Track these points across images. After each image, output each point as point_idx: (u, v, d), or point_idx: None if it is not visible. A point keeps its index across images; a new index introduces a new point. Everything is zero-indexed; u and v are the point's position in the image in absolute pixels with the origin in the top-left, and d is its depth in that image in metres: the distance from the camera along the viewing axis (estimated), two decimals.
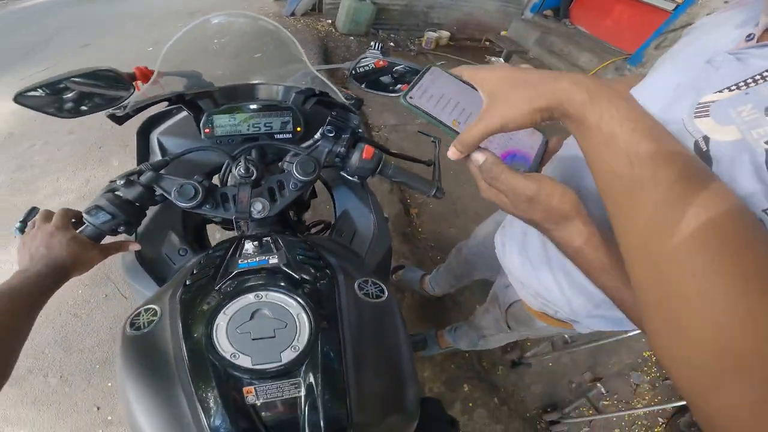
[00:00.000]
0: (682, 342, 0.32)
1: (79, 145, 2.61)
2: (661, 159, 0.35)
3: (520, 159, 0.51)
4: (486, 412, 1.72)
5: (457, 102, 0.49)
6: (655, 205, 0.35)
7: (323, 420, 0.52)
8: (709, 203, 0.33)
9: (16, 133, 2.81)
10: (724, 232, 0.32)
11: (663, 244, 0.34)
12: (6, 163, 2.57)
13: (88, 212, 0.73)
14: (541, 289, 0.88)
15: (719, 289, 0.30)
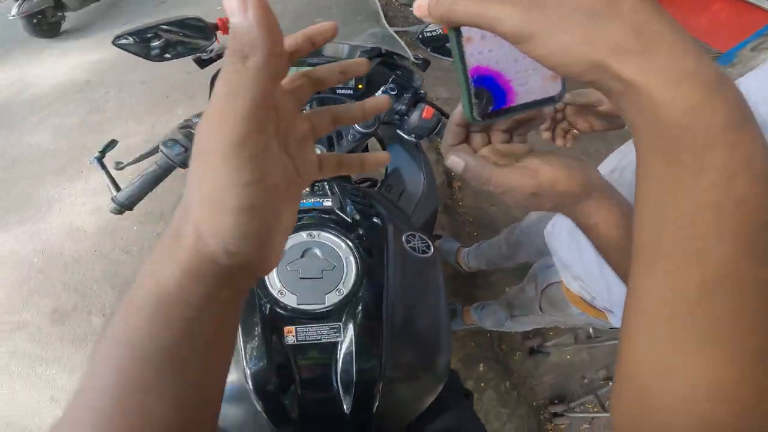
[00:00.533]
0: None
1: (149, 94, 2.77)
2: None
3: (498, 95, 0.35)
4: (495, 395, 1.75)
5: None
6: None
7: (356, 369, 0.54)
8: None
9: (93, 81, 3.01)
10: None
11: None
12: (80, 107, 2.77)
13: (164, 144, 0.79)
14: (582, 272, 0.89)
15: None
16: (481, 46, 0.34)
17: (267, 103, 0.25)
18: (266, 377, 0.53)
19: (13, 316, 1.83)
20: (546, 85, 0.36)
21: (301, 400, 0.56)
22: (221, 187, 0.24)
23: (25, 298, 1.87)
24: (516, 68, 0.35)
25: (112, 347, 0.26)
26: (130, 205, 0.80)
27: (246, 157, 0.24)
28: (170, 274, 0.25)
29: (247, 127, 0.24)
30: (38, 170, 2.31)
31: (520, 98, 0.36)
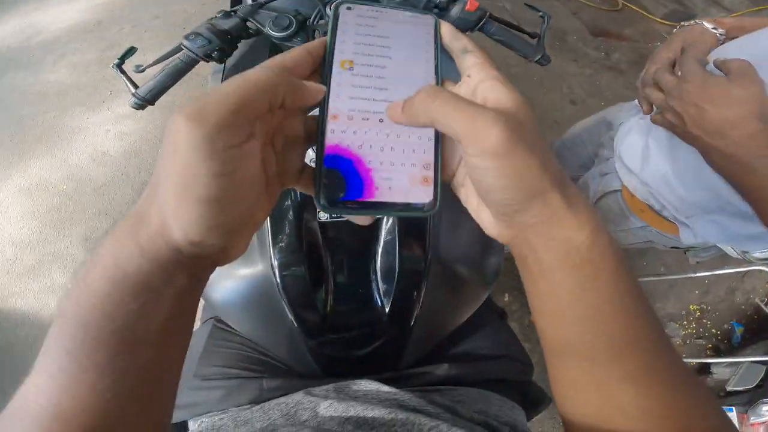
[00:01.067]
0: None
1: (164, 28, 2.73)
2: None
3: (354, 184, 0.30)
4: (518, 328, 1.76)
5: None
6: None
7: (399, 256, 0.51)
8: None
9: (104, 21, 2.96)
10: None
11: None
12: (97, 44, 2.74)
13: (186, 38, 0.78)
14: (656, 178, 0.84)
15: None
16: (347, 124, 0.31)
17: (255, 97, 0.26)
18: (294, 265, 0.51)
19: (48, 246, 1.88)
20: (415, 189, 0.31)
21: (335, 298, 0.55)
22: (189, 174, 0.24)
23: (57, 226, 1.92)
24: (382, 158, 0.31)
25: (64, 326, 0.26)
26: (152, 99, 0.79)
27: (218, 149, 0.24)
28: (129, 254, 0.25)
29: (227, 119, 0.24)
30: (61, 104, 2.32)
31: (380, 195, 0.30)
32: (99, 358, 0.26)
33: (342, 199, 0.29)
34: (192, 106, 0.24)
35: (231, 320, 0.61)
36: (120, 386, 0.27)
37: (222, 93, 0.25)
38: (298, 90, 0.28)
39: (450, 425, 0.44)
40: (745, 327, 1.90)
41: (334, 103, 0.31)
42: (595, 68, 2.72)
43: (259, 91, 0.26)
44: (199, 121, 0.23)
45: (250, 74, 0.26)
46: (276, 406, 0.53)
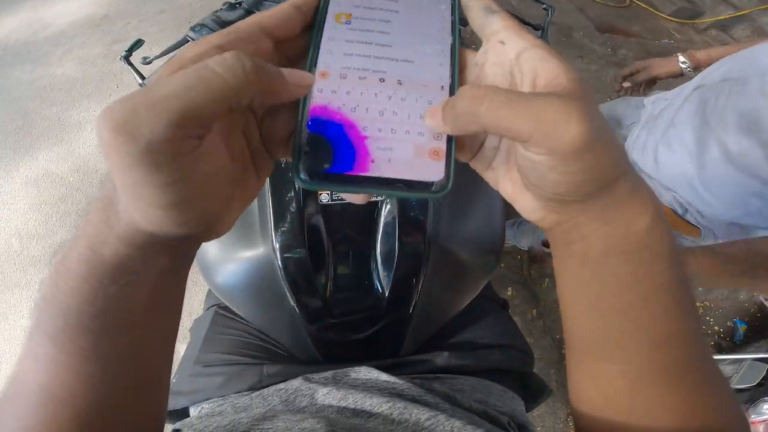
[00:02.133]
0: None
1: (170, 22, 2.74)
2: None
3: (343, 153, 0.25)
4: (521, 322, 1.76)
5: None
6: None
7: (399, 234, 0.51)
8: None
9: (110, 15, 2.97)
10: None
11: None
12: (103, 38, 2.75)
13: (192, 29, 0.79)
14: (682, 183, 0.85)
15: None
16: (338, 83, 0.26)
17: (206, 106, 0.20)
18: (296, 247, 0.51)
19: (53, 238, 1.89)
20: (421, 163, 0.25)
21: (335, 283, 0.55)
22: (140, 184, 0.20)
23: (63, 218, 1.93)
24: (380, 124, 0.25)
25: (45, 311, 0.25)
26: None
27: (161, 162, 0.20)
28: (104, 238, 0.24)
29: (163, 134, 0.19)
30: (67, 97, 2.33)
31: (376, 168, 0.24)
32: (82, 342, 0.25)
33: (327, 171, 0.24)
34: (119, 110, 0.19)
35: (232, 304, 0.61)
36: (107, 370, 0.26)
37: (159, 96, 0.19)
38: (273, 89, 0.23)
39: (448, 416, 0.44)
40: (748, 325, 1.89)
41: (324, 58, 0.26)
42: (601, 64, 2.71)
43: (213, 99, 0.20)
44: (129, 135, 0.19)
45: (204, 73, 0.20)
46: (275, 393, 0.54)
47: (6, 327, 1.71)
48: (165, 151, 0.20)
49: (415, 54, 0.27)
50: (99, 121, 0.20)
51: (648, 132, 0.92)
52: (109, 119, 0.19)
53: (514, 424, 0.56)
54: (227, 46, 0.23)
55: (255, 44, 0.25)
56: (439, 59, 0.28)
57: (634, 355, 0.28)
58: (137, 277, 0.25)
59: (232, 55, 0.21)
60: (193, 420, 0.51)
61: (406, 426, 0.44)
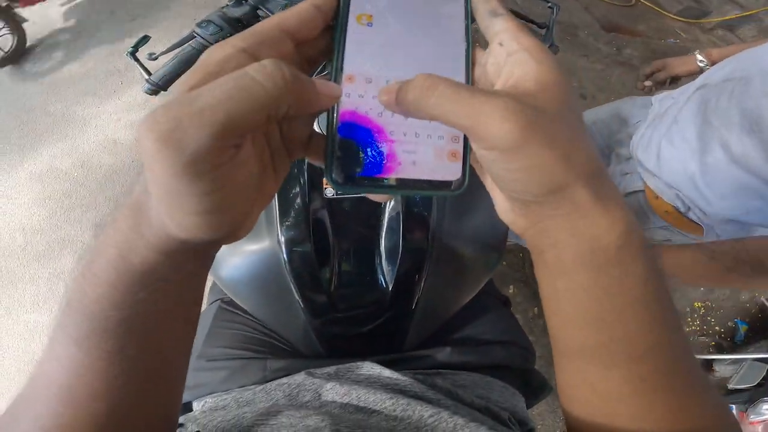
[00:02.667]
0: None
1: (175, 20, 2.74)
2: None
3: (373, 157, 0.26)
4: (522, 320, 1.76)
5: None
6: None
7: (403, 228, 0.52)
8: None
9: (117, 12, 2.99)
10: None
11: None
12: (108, 35, 2.76)
13: (198, 25, 0.79)
14: (684, 181, 0.85)
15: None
16: (365, 88, 0.26)
17: (248, 116, 0.20)
18: (301, 242, 0.52)
19: (57, 232, 1.90)
20: (441, 164, 0.27)
21: (339, 278, 0.55)
22: (177, 194, 0.21)
23: (67, 213, 1.95)
24: (405, 129, 0.26)
25: (70, 316, 0.25)
26: (164, 86, 0.81)
27: (202, 172, 0.20)
28: (134, 246, 0.24)
29: (208, 145, 0.20)
30: (72, 93, 2.35)
31: (403, 171, 0.26)
32: (108, 347, 0.25)
33: (360, 174, 0.25)
34: (163, 120, 0.19)
35: (237, 297, 0.62)
36: (131, 373, 0.26)
37: (202, 106, 0.19)
38: (306, 99, 0.23)
39: (451, 413, 0.44)
40: (749, 325, 1.89)
41: (350, 62, 0.26)
42: (606, 63, 2.70)
43: (254, 108, 0.20)
44: (174, 147, 0.19)
45: (245, 82, 0.20)
46: (278, 387, 0.54)
47: (9, 322, 1.73)
48: (207, 161, 0.20)
49: (434, 57, 0.28)
50: (142, 130, 0.19)
51: (653, 129, 0.92)
52: (152, 129, 0.19)
53: (514, 420, 0.56)
54: (250, 49, 0.23)
55: (277, 47, 0.25)
56: (455, 63, 0.29)
57: (611, 366, 0.28)
58: (165, 284, 0.25)
59: (271, 63, 0.21)
60: (197, 414, 0.51)
61: (409, 423, 0.45)
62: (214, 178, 0.21)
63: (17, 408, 0.28)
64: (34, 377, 0.27)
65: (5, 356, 1.67)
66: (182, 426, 0.47)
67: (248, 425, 0.42)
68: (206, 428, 0.45)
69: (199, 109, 0.19)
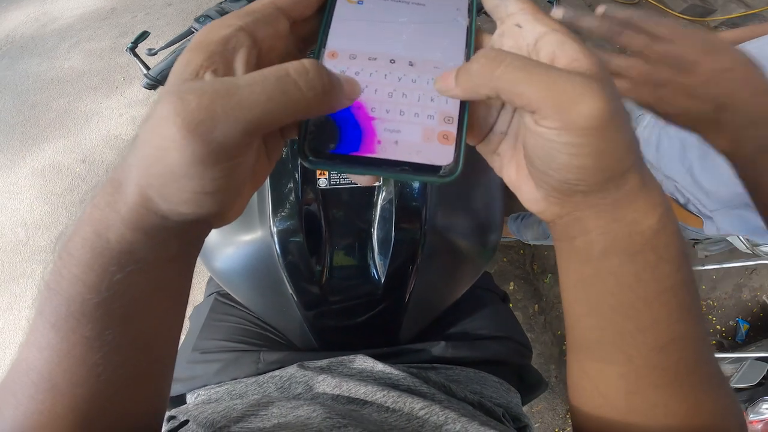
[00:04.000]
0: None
1: (177, 16, 2.75)
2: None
3: (350, 134, 0.25)
4: (522, 317, 1.77)
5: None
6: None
7: (396, 217, 0.51)
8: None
9: (118, 8, 2.99)
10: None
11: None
12: (110, 31, 2.76)
13: (196, 20, 0.79)
14: (681, 172, 0.85)
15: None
16: (347, 63, 0.25)
17: (283, 119, 0.20)
18: (293, 233, 0.52)
19: (59, 228, 1.91)
20: (429, 146, 0.24)
21: (331, 270, 0.55)
22: (181, 176, 0.20)
23: (69, 208, 1.95)
24: (389, 105, 0.25)
25: (48, 300, 0.24)
26: (163, 80, 0.81)
27: (219, 163, 0.20)
28: (110, 223, 0.23)
29: (236, 140, 0.19)
30: (74, 89, 2.35)
31: (383, 150, 0.24)
32: (85, 331, 0.24)
33: (333, 151, 0.24)
34: (195, 108, 0.19)
35: (231, 288, 0.62)
36: (112, 359, 0.25)
37: (239, 102, 0.19)
38: (334, 102, 0.22)
39: (443, 407, 0.44)
40: (751, 324, 1.88)
41: (333, 38, 0.26)
42: None
43: (290, 112, 0.20)
44: (201, 138, 0.19)
45: (287, 85, 0.20)
46: (271, 380, 0.54)
47: (11, 317, 1.74)
48: (229, 153, 0.20)
49: (429, 36, 0.27)
50: (168, 111, 0.19)
51: (655, 121, 0.92)
52: (180, 114, 0.19)
53: (508, 416, 0.56)
54: (248, 27, 0.23)
55: (274, 25, 0.24)
56: (454, 42, 0.27)
57: (633, 357, 0.27)
58: (144, 265, 0.24)
59: (313, 68, 0.21)
60: (189, 407, 0.51)
61: (400, 414, 0.45)
62: (228, 166, 0.21)
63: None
64: (15, 364, 0.27)
65: (6, 352, 1.68)
66: (174, 418, 0.47)
67: (238, 416, 0.43)
68: (197, 420, 0.45)
69: (236, 103, 0.19)
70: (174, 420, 0.47)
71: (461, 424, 0.41)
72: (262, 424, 0.41)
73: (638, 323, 0.26)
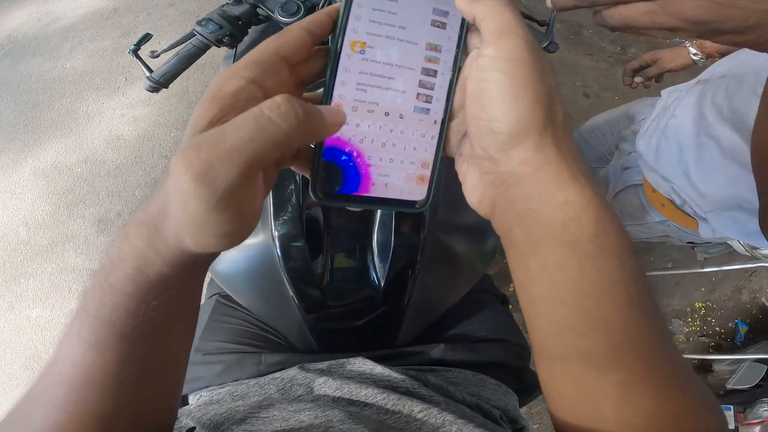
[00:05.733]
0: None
1: (179, 16, 2.76)
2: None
3: (351, 177, 0.30)
4: (521, 319, 1.75)
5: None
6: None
7: (395, 226, 0.52)
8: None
9: (120, 8, 2.99)
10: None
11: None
12: (112, 31, 2.77)
13: (198, 23, 0.80)
14: (677, 174, 0.85)
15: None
16: (350, 115, 0.29)
17: (269, 154, 0.23)
18: (294, 237, 0.53)
19: (60, 228, 1.91)
20: (409, 187, 0.31)
21: (331, 274, 0.56)
22: (205, 223, 0.24)
23: (70, 208, 1.95)
24: (382, 155, 0.30)
25: (86, 323, 0.27)
26: (165, 83, 0.82)
27: (230, 205, 0.23)
28: (150, 262, 0.26)
29: (237, 182, 0.22)
30: (76, 89, 2.36)
31: (376, 190, 0.30)
32: (122, 350, 0.27)
33: (338, 192, 0.29)
34: (197, 162, 0.22)
35: (233, 291, 0.63)
36: (140, 373, 0.29)
37: (229, 148, 0.22)
38: (315, 131, 0.25)
39: (441, 409, 0.45)
40: (750, 326, 1.89)
41: (339, 90, 0.29)
42: (610, 62, 2.68)
43: (272, 147, 0.23)
44: (208, 185, 0.22)
45: (263, 123, 0.22)
46: (272, 381, 0.55)
47: (12, 317, 1.74)
48: (234, 196, 0.23)
49: (411, 85, 0.30)
50: (178, 170, 0.22)
51: (657, 122, 0.93)
52: (188, 170, 0.22)
53: (506, 418, 0.56)
54: (258, 79, 0.25)
55: (278, 73, 0.27)
56: (438, 94, 0.31)
57: (593, 356, 0.27)
58: (174, 292, 0.28)
59: (285, 101, 0.23)
60: (192, 408, 0.52)
61: (399, 416, 0.45)
62: (238, 208, 0.24)
63: (26, 406, 0.30)
64: (44, 377, 0.29)
65: (7, 351, 1.68)
66: (177, 419, 0.48)
67: (241, 418, 0.43)
68: (200, 422, 0.45)
69: (227, 151, 0.22)
70: (177, 421, 0.47)
71: (457, 426, 0.42)
72: (264, 427, 0.42)
73: (590, 321, 0.26)
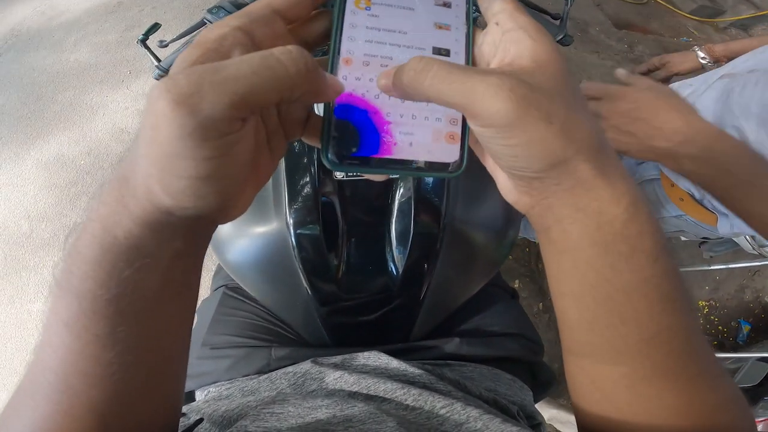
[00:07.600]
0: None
1: (184, 9, 2.74)
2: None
3: (368, 138, 0.27)
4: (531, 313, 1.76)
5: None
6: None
7: (414, 210, 0.51)
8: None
9: (125, 1, 2.99)
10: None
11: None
12: (117, 25, 2.76)
13: (209, 11, 0.79)
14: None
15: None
16: (362, 70, 0.27)
17: (267, 93, 0.21)
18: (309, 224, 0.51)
19: (63, 220, 1.90)
20: (439, 146, 0.27)
21: (347, 263, 0.54)
22: (175, 156, 0.21)
23: (73, 200, 1.95)
24: (402, 110, 0.27)
25: (60, 298, 0.25)
26: None
27: (209, 138, 0.21)
28: (118, 219, 0.23)
29: (224, 113, 0.20)
30: (81, 82, 2.35)
31: (399, 151, 0.27)
32: (98, 329, 0.24)
33: (355, 154, 0.26)
34: (185, 83, 0.20)
35: (243, 281, 0.61)
36: (125, 358, 0.25)
37: (226, 76, 0.20)
38: (316, 89, 0.23)
39: (464, 404, 0.44)
40: (753, 326, 1.89)
41: (347, 45, 0.27)
42: (617, 60, 2.68)
43: (274, 87, 0.21)
44: (189, 109, 0.19)
45: (271, 62, 0.21)
46: (283, 376, 0.53)
47: (13, 311, 1.73)
48: (216, 128, 0.20)
49: (433, 41, 0.29)
50: (158, 90, 0.20)
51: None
52: (170, 90, 0.19)
53: (523, 414, 0.55)
54: (245, 27, 0.24)
55: (270, 26, 0.25)
56: (456, 47, 0.29)
57: (623, 351, 0.27)
58: (151, 261, 0.24)
59: (297, 49, 0.22)
60: (200, 404, 0.51)
61: (420, 412, 0.44)
62: (217, 145, 0.21)
63: (18, 399, 0.28)
64: (31, 366, 0.27)
65: (8, 345, 1.67)
66: (184, 415, 0.46)
67: (254, 414, 0.42)
68: (211, 418, 0.44)
69: (223, 77, 0.20)
70: (184, 417, 0.46)
71: (482, 423, 0.41)
72: (279, 424, 0.41)
73: (621, 316, 0.26)
